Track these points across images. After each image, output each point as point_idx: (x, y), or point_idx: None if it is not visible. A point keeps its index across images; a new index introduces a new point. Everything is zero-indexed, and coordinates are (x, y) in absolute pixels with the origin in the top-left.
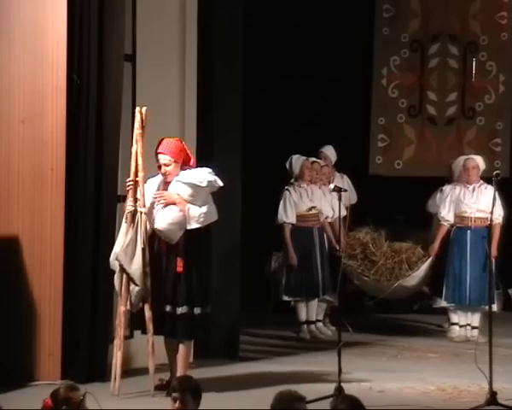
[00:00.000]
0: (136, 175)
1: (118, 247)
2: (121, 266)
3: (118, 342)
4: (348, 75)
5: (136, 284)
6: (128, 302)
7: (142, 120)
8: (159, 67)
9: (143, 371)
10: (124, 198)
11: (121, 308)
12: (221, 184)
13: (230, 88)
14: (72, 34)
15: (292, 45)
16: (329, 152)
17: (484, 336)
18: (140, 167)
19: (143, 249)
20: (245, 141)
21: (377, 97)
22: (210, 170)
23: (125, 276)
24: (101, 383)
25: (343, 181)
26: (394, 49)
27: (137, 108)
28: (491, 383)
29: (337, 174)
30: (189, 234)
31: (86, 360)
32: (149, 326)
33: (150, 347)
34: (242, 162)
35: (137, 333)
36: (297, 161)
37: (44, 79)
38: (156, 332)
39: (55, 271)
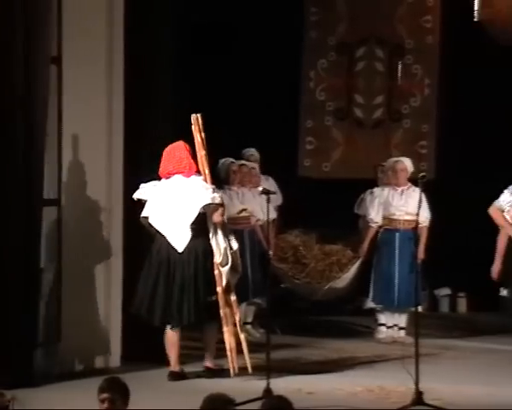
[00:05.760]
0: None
1: (225, 242)
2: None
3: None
4: (277, 78)
5: (239, 271)
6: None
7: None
8: (85, 68)
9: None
10: (49, 202)
11: (233, 298)
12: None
13: (159, 86)
14: None
15: (220, 47)
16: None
17: (411, 336)
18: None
19: None
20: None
21: (305, 100)
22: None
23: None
24: (28, 389)
25: (269, 183)
26: (322, 52)
27: (194, 115)
28: (417, 384)
29: (262, 177)
30: None
31: (12, 365)
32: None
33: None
34: None
35: None
36: (223, 164)
37: None
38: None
39: None
